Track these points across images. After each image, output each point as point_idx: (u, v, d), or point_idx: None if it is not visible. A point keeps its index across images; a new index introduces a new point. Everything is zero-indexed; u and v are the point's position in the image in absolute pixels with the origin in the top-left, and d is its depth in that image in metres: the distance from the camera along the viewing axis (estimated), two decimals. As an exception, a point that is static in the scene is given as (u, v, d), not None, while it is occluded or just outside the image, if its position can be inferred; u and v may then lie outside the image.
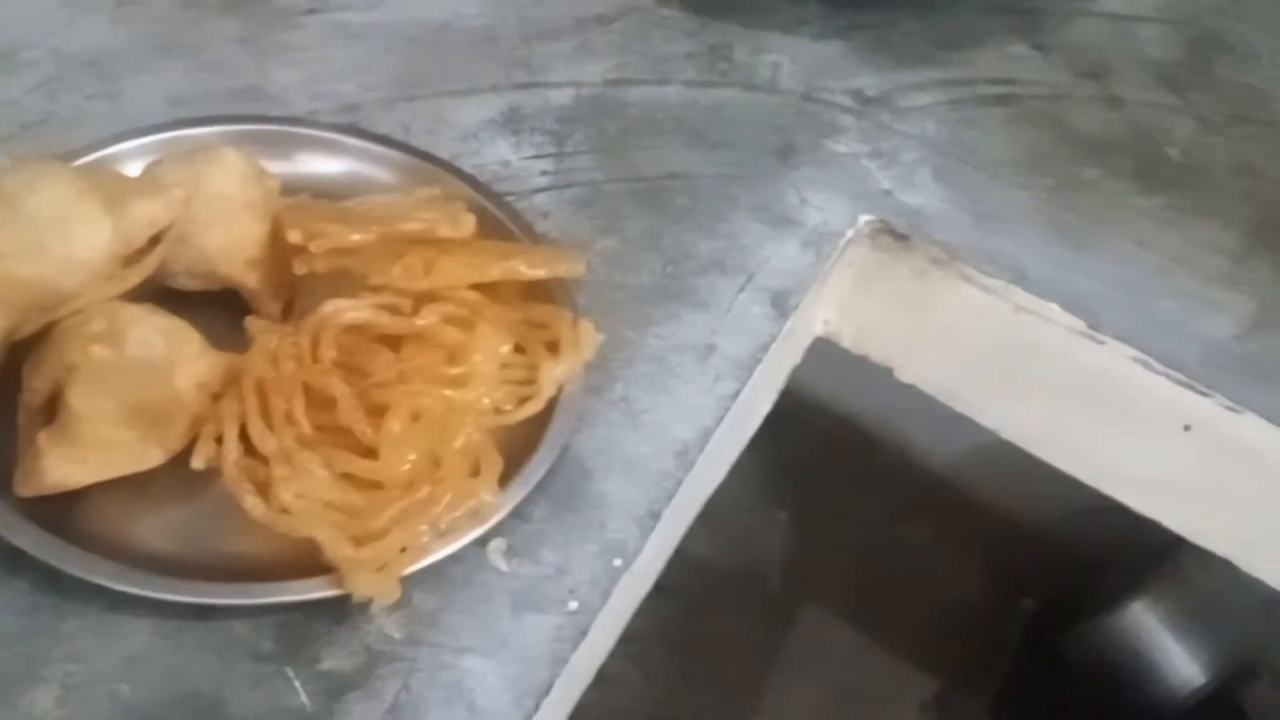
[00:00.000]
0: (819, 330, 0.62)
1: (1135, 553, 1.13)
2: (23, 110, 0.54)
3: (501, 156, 0.57)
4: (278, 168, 0.50)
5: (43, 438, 0.40)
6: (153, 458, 0.41)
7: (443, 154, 0.55)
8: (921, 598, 1.26)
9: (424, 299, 0.44)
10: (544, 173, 0.57)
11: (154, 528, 0.42)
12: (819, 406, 1.32)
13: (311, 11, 0.62)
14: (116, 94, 0.56)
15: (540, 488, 0.44)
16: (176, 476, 0.42)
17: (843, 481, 1.32)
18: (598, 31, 0.65)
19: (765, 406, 0.59)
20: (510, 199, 0.54)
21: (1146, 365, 0.56)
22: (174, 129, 0.51)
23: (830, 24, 0.69)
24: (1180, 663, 1.02)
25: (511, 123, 0.59)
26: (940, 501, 1.30)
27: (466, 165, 0.55)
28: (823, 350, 0.63)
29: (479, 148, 0.57)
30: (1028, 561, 1.27)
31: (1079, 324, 0.56)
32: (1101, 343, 0.56)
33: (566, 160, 0.58)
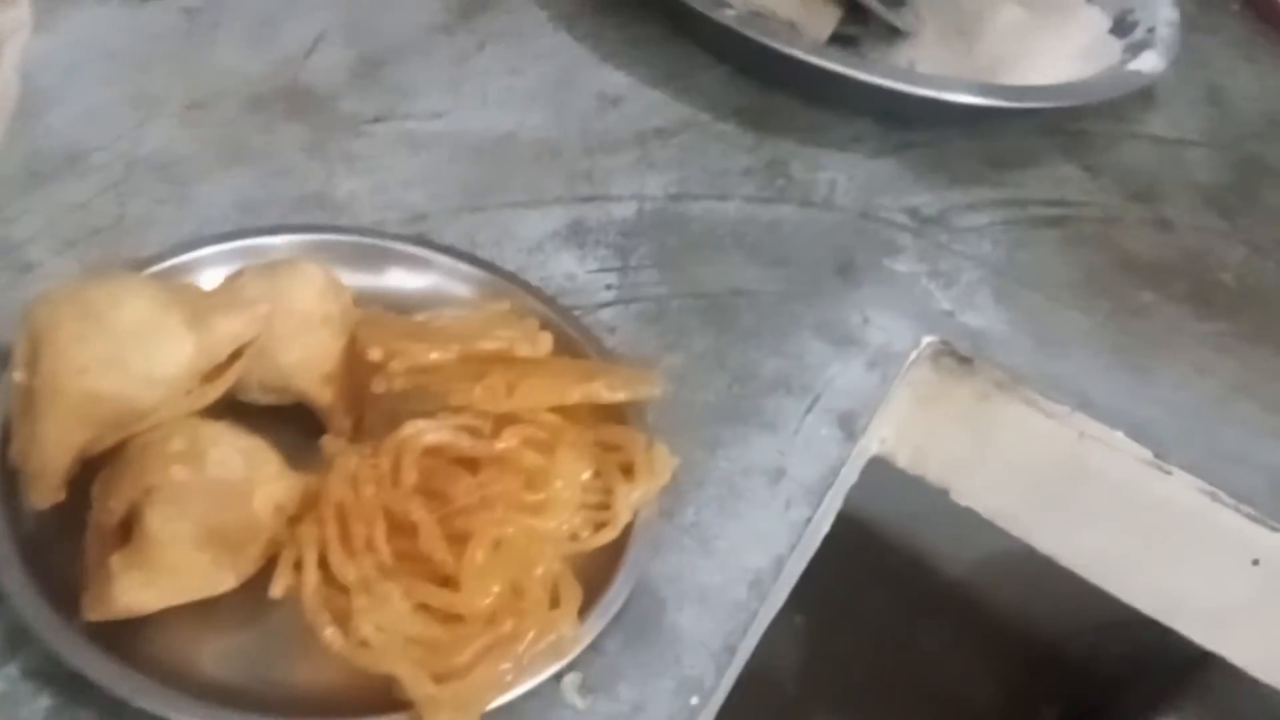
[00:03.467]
0: (875, 450, 0.62)
1: (1160, 667, 1.11)
2: (93, 214, 0.54)
3: (567, 270, 0.57)
4: (349, 279, 0.49)
5: (116, 561, 0.38)
6: (225, 582, 0.40)
7: (509, 266, 0.55)
8: (938, 704, 1.23)
9: (504, 421, 0.43)
10: (609, 286, 0.57)
11: (218, 653, 0.41)
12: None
13: (377, 120, 0.62)
14: (185, 199, 0.55)
15: (615, 618, 0.43)
16: (242, 600, 0.41)
17: (857, 584, 1.30)
18: (657, 145, 0.65)
19: (826, 528, 0.58)
20: (578, 313, 0.53)
21: (1214, 497, 0.55)
22: (244, 238, 0.51)
23: (883, 141, 0.69)
24: (1206, 782, 1.00)
25: (576, 235, 0.59)
26: (958, 607, 1.28)
27: (533, 278, 0.54)
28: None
29: (545, 260, 0.57)
30: (1049, 671, 1.25)
31: (1145, 453, 0.56)
32: (1169, 473, 0.56)
33: (631, 274, 0.58)
